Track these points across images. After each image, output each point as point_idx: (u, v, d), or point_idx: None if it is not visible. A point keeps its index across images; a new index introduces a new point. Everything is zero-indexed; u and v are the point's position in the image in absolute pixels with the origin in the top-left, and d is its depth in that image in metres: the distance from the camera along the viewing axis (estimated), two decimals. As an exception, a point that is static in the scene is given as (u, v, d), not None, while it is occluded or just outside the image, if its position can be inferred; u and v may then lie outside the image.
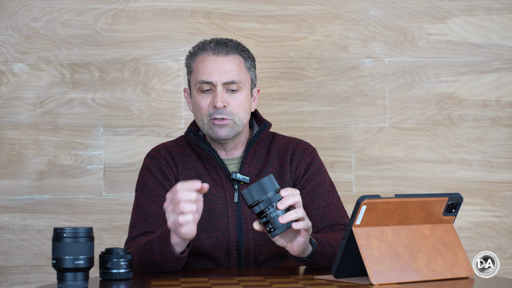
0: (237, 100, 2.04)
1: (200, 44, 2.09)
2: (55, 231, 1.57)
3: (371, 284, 1.55)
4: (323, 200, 2.06)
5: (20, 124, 2.85)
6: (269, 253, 2.04)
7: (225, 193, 2.05)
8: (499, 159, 2.89)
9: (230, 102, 2.03)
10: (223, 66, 2.03)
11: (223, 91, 2.02)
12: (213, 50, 2.05)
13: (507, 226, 2.89)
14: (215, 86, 2.02)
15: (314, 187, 2.08)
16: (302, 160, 2.11)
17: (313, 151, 2.15)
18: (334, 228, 2.02)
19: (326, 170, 2.15)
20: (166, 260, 1.80)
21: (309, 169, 2.10)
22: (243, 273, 1.87)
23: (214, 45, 2.05)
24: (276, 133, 2.20)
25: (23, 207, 2.83)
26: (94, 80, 2.86)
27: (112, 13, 2.87)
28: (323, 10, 2.89)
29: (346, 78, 2.88)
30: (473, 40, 2.90)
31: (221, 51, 2.04)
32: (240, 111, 2.04)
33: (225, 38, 2.09)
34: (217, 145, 2.10)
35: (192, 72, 2.08)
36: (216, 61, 2.04)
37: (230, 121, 2.03)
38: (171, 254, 1.79)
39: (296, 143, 2.15)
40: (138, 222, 2.01)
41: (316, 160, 2.13)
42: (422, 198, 1.66)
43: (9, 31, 2.85)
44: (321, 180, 2.10)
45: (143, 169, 2.11)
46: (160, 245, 1.80)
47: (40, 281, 2.82)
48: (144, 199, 2.04)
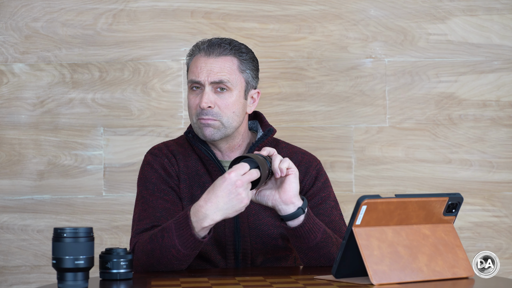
0: (225, 101, 2.02)
1: (197, 44, 2.09)
2: (55, 231, 1.57)
3: (371, 284, 1.55)
4: (326, 216, 2.05)
5: (20, 124, 2.85)
6: (266, 255, 2.04)
7: None
8: (499, 159, 2.89)
9: (217, 102, 2.02)
10: (212, 67, 2.02)
11: (211, 91, 2.02)
12: (205, 51, 2.05)
13: (507, 226, 2.89)
14: (203, 85, 2.02)
15: (319, 202, 2.06)
16: (308, 173, 2.09)
17: (318, 164, 2.13)
18: None
19: (331, 185, 2.13)
20: (185, 245, 1.79)
21: (315, 184, 2.09)
22: (243, 273, 1.87)
23: (207, 46, 2.05)
24: (279, 139, 2.17)
25: (23, 207, 2.83)
26: (94, 80, 2.86)
27: (112, 13, 2.87)
28: (323, 10, 2.89)
29: (346, 78, 2.88)
30: (473, 40, 2.90)
31: (213, 52, 2.04)
32: (228, 113, 2.02)
33: (223, 39, 2.07)
34: (212, 146, 2.09)
35: (188, 72, 2.09)
36: (206, 62, 2.03)
37: (217, 122, 2.01)
38: (191, 238, 1.79)
39: (302, 154, 2.13)
40: (145, 216, 2.00)
41: (322, 174, 2.12)
42: (422, 198, 1.66)
43: (9, 31, 2.85)
44: (326, 196, 2.08)
45: (144, 165, 2.10)
46: (179, 229, 1.80)
47: (40, 281, 2.82)
48: (148, 193, 2.04)
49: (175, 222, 1.81)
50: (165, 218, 1.98)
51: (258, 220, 2.03)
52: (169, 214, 1.99)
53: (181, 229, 1.79)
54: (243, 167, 1.78)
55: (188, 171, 2.08)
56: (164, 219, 1.98)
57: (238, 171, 1.77)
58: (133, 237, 1.97)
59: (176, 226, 1.80)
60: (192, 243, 1.80)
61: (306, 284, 1.63)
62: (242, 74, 2.06)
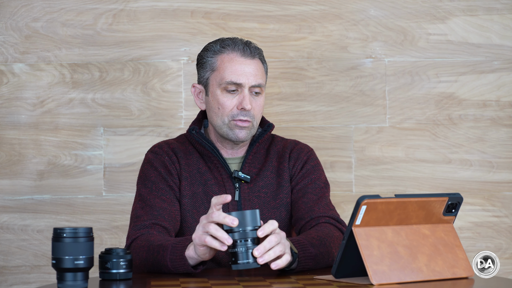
0: (259, 103, 2.08)
1: (225, 42, 2.09)
2: (55, 231, 1.57)
3: (371, 284, 1.55)
4: (314, 194, 2.09)
5: (20, 124, 2.85)
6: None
7: (226, 191, 2.07)
8: (499, 159, 2.89)
9: (253, 105, 2.05)
10: (251, 69, 2.06)
11: (249, 93, 2.05)
12: (242, 52, 2.06)
13: (507, 226, 2.89)
14: (243, 88, 2.04)
15: (308, 183, 2.11)
16: (299, 158, 2.14)
17: (310, 151, 2.19)
18: (319, 220, 2.03)
19: (322, 170, 2.17)
20: (175, 268, 1.79)
21: (305, 167, 2.14)
22: (243, 273, 1.87)
23: (242, 47, 2.07)
24: (275, 135, 2.23)
25: (23, 207, 2.83)
26: (94, 80, 2.86)
27: (112, 13, 2.87)
28: (323, 10, 2.89)
29: (346, 78, 2.88)
30: (473, 40, 2.90)
31: (247, 53, 2.07)
32: (259, 114, 2.09)
33: (245, 40, 2.10)
34: (222, 144, 2.11)
35: (216, 70, 2.08)
36: (244, 63, 2.05)
37: (250, 124, 2.06)
38: (184, 266, 1.78)
39: (294, 143, 2.19)
40: (142, 213, 2.01)
41: (312, 158, 2.17)
42: (422, 198, 1.66)
43: (9, 31, 2.85)
44: (316, 177, 2.13)
45: (145, 164, 2.12)
46: (173, 253, 1.79)
47: (40, 281, 2.82)
48: (147, 192, 2.05)
49: (173, 245, 1.81)
50: (162, 217, 1.99)
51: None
52: (166, 213, 2.00)
53: (175, 254, 1.79)
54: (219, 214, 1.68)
55: (190, 169, 2.09)
56: (162, 218, 1.99)
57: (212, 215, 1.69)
58: (131, 233, 1.98)
59: (172, 249, 1.80)
60: (183, 269, 1.79)
61: (306, 284, 1.63)
62: (266, 75, 2.13)
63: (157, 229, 1.97)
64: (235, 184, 2.08)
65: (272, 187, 2.11)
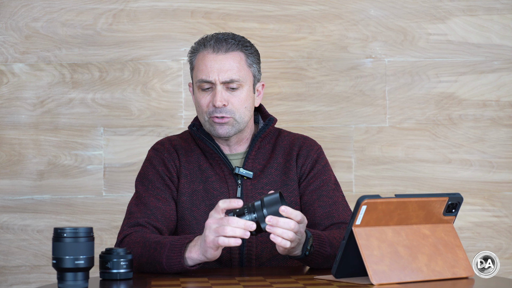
0: (238, 98, 2.03)
1: (201, 40, 2.08)
2: (55, 231, 1.57)
3: (371, 284, 1.55)
4: (329, 198, 2.06)
5: (20, 124, 2.85)
6: (272, 251, 2.03)
7: (228, 188, 2.05)
8: (499, 159, 2.89)
9: (230, 100, 2.02)
10: (222, 65, 2.02)
11: (223, 89, 2.02)
12: (212, 48, 2.03)
13: (507, 226, 2.89)
14: (215, 84, 2.02)
15: (320, 185, 2.08)
16: (309, 157, 2.11)
17: (319, 148, 2.15)
18: (339, 226, 2.02)
19: (331, 169, 2.15)
20: (170, 267, 1.80)
21: (315, 167, 2.10)
22: (244, 273, 1.87)
23: (214, 42, 2.04)
24: (282, 129, 2.18)
25: (23, 207, 2.83)
26: (94, 80, 2.86)
27: (112, 13, 2.87)
28: (323, 10, 2.89)
29: (346, 78, 2.88)
30: (473, 40, 2.90)
31: (220, 48, 2.03)
32: (241, 109, 2.03)
33: (227, 34, 2.07)
34: (220, 140, 2.10)
35: (194, 69, 2.08)
36: (215, 59, 2.02)
37: (231, 119, 2.02)
38: (178, 265, 1.79)
39: (303, 139, 2.15)
40: (136, 210, 2.01)
41: (322, 158, 2.13)
42: (422, 198, 1.66)
43: (9, 31, 2.85)
44: (327, 179, 2.10)
45: (145, 161, 2.13)
46: (171, 251, 1.79)
47: (40, 281, 2.82)
48: (143, 189, 2.05)
49: (171, 243, 1.81)
50: (155, 217, 1.99)
51: None
52: (159, 213, 2.00)
53: (173, 251, 1.79)
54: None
55: (190, 166, 2.08)
56: (155, 217, 1.99)
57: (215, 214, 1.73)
58: (124, 229, 1.98)
59: (169, 247, 1.80)
60: (178, 268, 1.80)
61: (306, 284, 1.63)
62: (250, 68, 2.07)
63: (150, 229, 1.98)
64: (238, 181, 2.06)
65: (277, 185, 2.08)
